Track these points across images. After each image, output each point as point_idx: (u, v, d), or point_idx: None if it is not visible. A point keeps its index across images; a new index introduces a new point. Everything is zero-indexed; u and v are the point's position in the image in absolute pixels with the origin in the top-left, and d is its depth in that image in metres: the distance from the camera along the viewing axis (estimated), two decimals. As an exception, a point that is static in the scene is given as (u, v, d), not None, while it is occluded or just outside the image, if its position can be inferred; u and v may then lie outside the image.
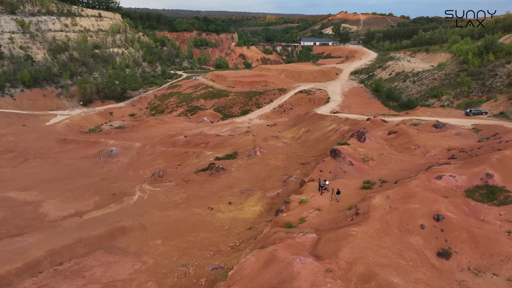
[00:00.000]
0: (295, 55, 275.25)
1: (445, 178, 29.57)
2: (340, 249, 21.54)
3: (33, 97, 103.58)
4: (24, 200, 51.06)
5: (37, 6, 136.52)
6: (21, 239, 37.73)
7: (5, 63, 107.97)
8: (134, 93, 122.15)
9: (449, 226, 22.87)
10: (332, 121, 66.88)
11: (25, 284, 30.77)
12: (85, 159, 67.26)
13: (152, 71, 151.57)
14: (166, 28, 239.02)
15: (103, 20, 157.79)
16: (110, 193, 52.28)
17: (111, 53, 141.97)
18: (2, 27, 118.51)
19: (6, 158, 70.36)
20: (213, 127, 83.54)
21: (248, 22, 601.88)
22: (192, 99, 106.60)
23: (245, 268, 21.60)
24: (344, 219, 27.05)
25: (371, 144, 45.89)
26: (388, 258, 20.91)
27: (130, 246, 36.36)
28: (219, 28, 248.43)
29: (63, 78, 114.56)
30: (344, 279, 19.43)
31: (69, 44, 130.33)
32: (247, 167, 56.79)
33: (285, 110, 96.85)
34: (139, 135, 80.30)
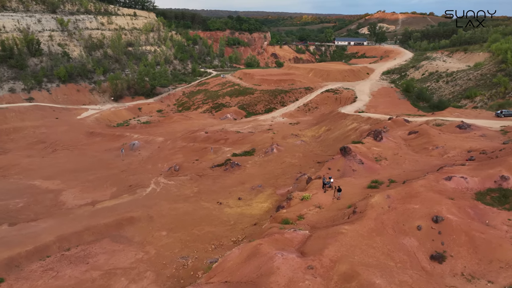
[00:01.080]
0: (328, 54, 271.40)
1: (455, 180, 27.79)
2: (326, 246, 20.71)
3: (67, 92, 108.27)
4: (46, 188, 53.35)
5: (76, 6, 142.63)
6: (35, 224, 39.32)
7: (43, 59, 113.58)
8: (164, 90, 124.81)
9: (448, 228, 21.41)
10: (353, 120, 65.09)
11: (33, 267, 31.92)
12: (109, 152, 69.38)
13: (182, 69, 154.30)
14: (200, 27, 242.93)
15: (137, 19, 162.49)
16: (127, 185, 53.57)
17: (144, 51, 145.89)
18: (43, 26, 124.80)
19: (37, 149, 73.93)
20: (235, 124, 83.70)
21: (284, 22, 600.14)
22: (218, 96, 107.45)
23: (228, 260, 21.26)
24: (342, 217, 26.06)
25: (387, 143, 44.13)
26: (375, 258, 19.85)
27: (135, 236, 36.94)
28: (252, 27, 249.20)
29: (97, 74, 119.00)
30: (324, 277, 18.63)
31: (104, 41, 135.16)
32: (262, 164, 56.34)
33: (310, 109, 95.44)
34: (163, 130, 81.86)
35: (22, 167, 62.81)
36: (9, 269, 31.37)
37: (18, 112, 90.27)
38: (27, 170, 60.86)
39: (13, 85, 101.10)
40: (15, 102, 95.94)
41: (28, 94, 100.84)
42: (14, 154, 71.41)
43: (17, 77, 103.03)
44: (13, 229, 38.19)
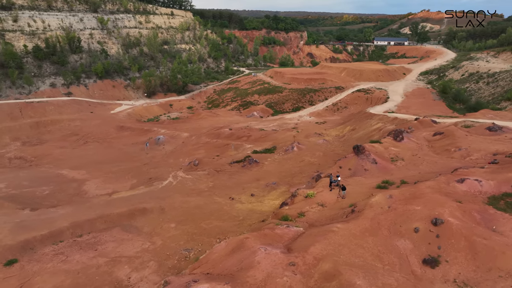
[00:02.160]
0: (366, 54, 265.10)
1: (468, 182, 25.97)
2: (313, 244, 19.97)
3: (103, 87, 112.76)
4: (72, 178, 55.71)
5: (116, 5, 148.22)
6: (54, 210, 41.11)
7: (83, 56, 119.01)
8: (195, 87, 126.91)
9: (447, 232, 19.97)
10: (379, 120, 62.87)
11: (45, 250, 33.34)
12: (135, 145, 71.42)
13: (216, 67, 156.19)
14: (237, 26, 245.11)
15: (174, 18, 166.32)
16: (147, 177, 54.84)
17: (179, 49, 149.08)
18: (84, 24, 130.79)
19: (70, 140, 77.52)
20: (260, 122, 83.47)
21: (323, 22, 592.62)
22: (247, 94, 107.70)
23: (214, 253, 21.07)
24: (341, 216, 25.09)
25: (408, 144, 42.15)
26: (362, 259, 18.88)
27: (145, 226, 37.63)
28: (288, 27, 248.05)
29: (132, 71, 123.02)
30: (305, 274, 17.95)
31: (141, 40, 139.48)
32: (281, 161, 55.70)
33: (338, 108, 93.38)
34: (189, 126, 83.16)
35: (54, 157, 66.08)
36: (24, 251, 32.95)
37: (57, 105, 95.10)
38: (58, 160, 63.95)
39: (54, 80, 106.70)
40: (55, 96, 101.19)
41: (67, 89, 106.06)
42: (49, 144, 75.33)
43: (58, 73, 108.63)
44: (33, 214, 40.16)
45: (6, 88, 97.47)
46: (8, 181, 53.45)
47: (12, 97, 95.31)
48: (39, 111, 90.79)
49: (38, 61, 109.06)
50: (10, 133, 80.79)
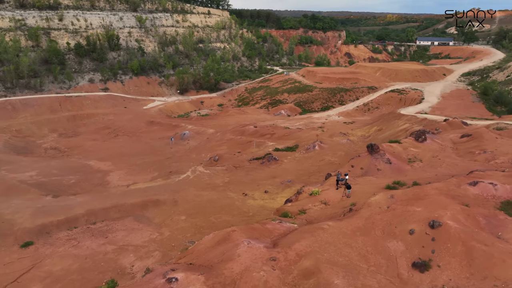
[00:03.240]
0: (408, 55, 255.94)
1: (482, 185, 24.18)
2: (299, 240, 19.34)
3: (138, 84, 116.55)
4: (98, 168, 57.90)
5: (155, 5, 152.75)
6: (74, 198, 42.89)
7: (121, 53, 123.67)
8: (227, 85, 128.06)
9: (444, 235, 18.62)
10: (407, 120, 60.32)
11: (60, 235, 34.84)
12: (161, 140, 73.13)
13: (250, 66, 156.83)
14: (274, 26, 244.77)
15: (211, 17, 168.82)
16: (168, 171, 55.93)
17: (213, 47, 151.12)
18: (124, 23, 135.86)
19: (102, 133, 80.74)
20: (287, 120, 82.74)
21: (366, 22, 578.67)
22: (277, 92, 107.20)
23: (201, 244, 20.98)
24: (339, 215, 24.19)
25: (430, 145, 40.04)
26: (347, 258, 18.02)
27: (156, 217, 38.33)
28: (326, 26, 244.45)
29: (167, 68, 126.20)
30: (284, 270, 17.41)
31: (177, 38, 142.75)
32: (301, 160, 54.84)
33: (369, 108, 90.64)
34: (216, 123, 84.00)
35: (84, 148, 69.09)
36: (40, 234, 34.56)
37: (93, 100, 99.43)
38: (87, 152, 66.79)
39: (93, 76, 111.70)
40: (92, 91, 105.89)
41: (104, 84, 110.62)
42: (82, 137, 78.89)
43: (97, 69, 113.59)
44: (54, 200, 42.10)
45: (49, 83, 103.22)
46: (39, 169, 56.41)
47: (54, 91, 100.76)
48: (77, 105, 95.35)
49: (79, 58, 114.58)
50: (49, 125, 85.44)
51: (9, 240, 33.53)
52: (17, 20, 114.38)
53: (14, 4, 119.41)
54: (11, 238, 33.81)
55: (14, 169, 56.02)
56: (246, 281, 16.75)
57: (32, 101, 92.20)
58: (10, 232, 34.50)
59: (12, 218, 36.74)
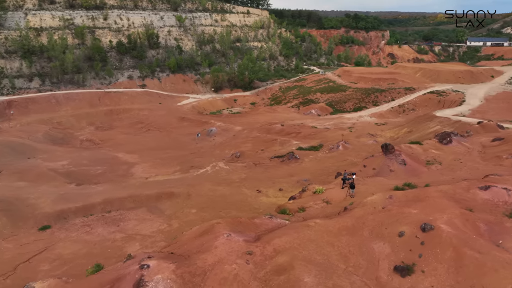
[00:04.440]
0: (456, 56, 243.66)
1: (494, 190, 22.29)
2: (281, 236, 18.79)
3: (174, 81, 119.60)
4: (125, 161, 59.96)
5: (195, 4, 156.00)
6: (95, 186, 44.65)
7: (160, 51, 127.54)
8: (262, 84, 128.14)
9: (434, 240, 17.31)
10: (439, 122, 57.17)
11: (76, 221, 36.37)
12: (189, 135, 74.48)
13: (286, 65, 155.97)
14: (315, 25, 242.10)
15: (250, 16, 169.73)
16: (190, 165, 56.79)
17: (250, 47, 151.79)
18: (164, 22, 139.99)
19: (135, 127, 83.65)
20: (316, 120, 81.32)
21: (414, 22, 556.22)
22: (310, 92, 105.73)
23: (186, 234, 21.00)
24: (335, 213, 23.29)
25: (454, 148, 37.62)
26: (326, 257, 17.24)
27: (168, 209, 38.98)
28: (369, 26, 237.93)
29: (203, 66, 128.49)
30: (258, 264, 16.97)
31: (215, 37, 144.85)
32: (322, 159, 53.60)
33: (405, 110, 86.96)
34: (244, 120, 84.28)
35: (116, 141, 71.86)
36: (58, 219, 36.25)
37: (130, 96, 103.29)
38: (118, 144, 69.40)
39: (132, 73, 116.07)
40: (131, 87, 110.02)
41: (142, 81, 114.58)
42: (116, 130, 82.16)
43: (136, 66, 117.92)
44: (76, 188, 44.05)
45: (91, 79, 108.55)
46: (71, 159, 59.37)
47: (94, 86, 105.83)
48: (115, 100, 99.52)
49: (120, 55, 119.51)
50: (87, 118, 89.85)
51: (29, 223, 35.44)
52: (65, 20, 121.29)
53: (64, 5, 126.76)
54: (31, 221, 35.71)
55: (49, 158, 59.41)
56: (217, 273, 16.49)
57: (74, 95, 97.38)
58: (31, 215, 36.46)
59: (35, 203, 38.83)
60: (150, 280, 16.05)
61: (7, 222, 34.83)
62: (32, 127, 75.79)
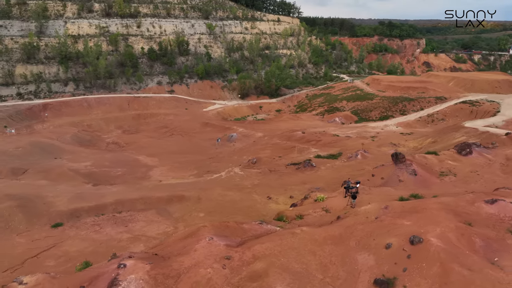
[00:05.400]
0: (498, 65, 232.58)
1: (501, 204, 20.79)
2: (263, 242, 18.37)
3: (202, 87, 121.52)
4: (144, 163, 61.28)
5: (226, 12, 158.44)
6: (110, 187, 45.82)
7: (189, 58, 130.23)
8: (289, 91, 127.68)
9: (422, 253, 16.28)
10: (465, 133, 54.41)
11: (87, 220, 37.40)
12: (210, 141, 75.13)
13: (315, 73, 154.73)
14: (347, 33, 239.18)
15: (280, 24, 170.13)
16: (206, 170, 57.18)
17: (279, 54, 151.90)
18: (195, 29, 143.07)
19: (159, 131, 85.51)
20: (339, 128, 79.77)
21: (455, 30, 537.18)
22: (336, 100, 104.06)
23: (173, 237, 20.99)
24: (328, 222, 22.55)
25: (474, 159, 35.61)
26: (305, 266, 16.63)
27: (177, 212, 39.30)
28: (404, 34, 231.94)
29: (230, 73, 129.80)
30: (234, 270, 16.64)
31: (244, 44, 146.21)
32: (339, 168, 52.28)
33: (433, 120, 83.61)
34: (266, 127, 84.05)
35: (139, 144, 73.68)
36: (71, 217, 37.42)
37: (158, 101, 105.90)
38: (140, 147, 71.11)
39: (161, 78, 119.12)
40: (159, 92, 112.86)
41: (171, 87, 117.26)
42: (141, 134, 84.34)
43: (165, 72, 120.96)
44: (93, 188, 45.38)
45: (122, 84, 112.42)
46: (94, 161, 61.38)
47: (125, 91, 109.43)
48: (143, 105, 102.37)
49: (151, 62, 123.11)
50: (116, 122, 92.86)
51: (43, 220, 36.77)
52: (101, 27, 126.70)
53: (101, 13, 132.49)
54: (46, 218, 37.05)
55: (74, 159, 61.77)
56: (190, 276, 16.31)
57: (105, 99, 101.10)
58: (46, 212, 37.84)
59: (52, 201, 40.30)
60: (124, 280, 16.11)
61: (22, 218, 36.29)
62: (63, 129, 79.24)
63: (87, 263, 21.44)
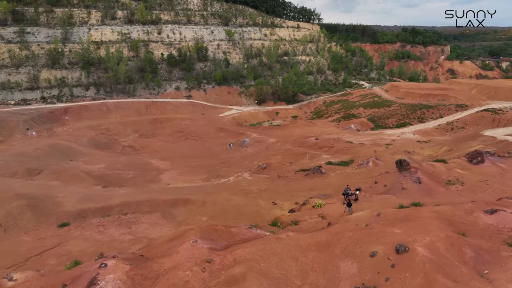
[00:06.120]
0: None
1: (501, 215, 19.81)
2: (246, 246, 18.12)
3: (219, 93, 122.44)
4: (156, 167, 62.01)
5: (246, 19, 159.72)
6: (118, 189, 46.51)
7: (208, 64, 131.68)
8: (306, 98, 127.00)
9: (406, 263, 15.64)
10: (482, 142, 52.49)
11: (93, 220, 38.03)
12: (223, 145, 75.39)
13: (334, 79, 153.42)
14: (369, 40, 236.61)
15: (300, 30, 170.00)
16: (216, 174, 57.31)
17: (298, 60, 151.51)
18: (214, 36, 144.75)
19: (174, 136, 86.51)
20: (354, 135, 78.52)
21: (483, 37, 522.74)
22: (353, 107, 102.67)
23: (160, 238, 21.01)
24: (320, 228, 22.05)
25: (485, 168, 34.22)
26: (285, 272, 16.26)
27: (181, 215, 39.44)
28: (427, 40, 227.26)
29: (248, 79, 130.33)
30: (213, 273, 16.46)
31: (263, 50, 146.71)
32: (349, 175, 51.32)
33: (453, 128, 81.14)
34: (280, 133, 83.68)
35: (153, 148, 74.72)
36: (78, 218, 38.13)
37: (175, 106, 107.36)
38: (154, 151, 72.08)
39: (179, 84, 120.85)
40: (177, 98, 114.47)
41: (188, 92, 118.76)
42: (157, 138, 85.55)
43: (183, 78, 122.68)
44: (102, 190, 46.19)
45: (141, 89, 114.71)
46: (108, 163, 62.60)
47: (144, 96, 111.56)
48: (160, 110, 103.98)
49: (170, 67, 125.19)
50: (133, 126, 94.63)
51: (51, 219, 37.61)
52: (123, 34, 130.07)
53: (123, 20, 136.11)
54: (53, 217, 37.87)
55: (89, 161, 63.18)
56: (168, 278, 16.23)
57: (123, 104, 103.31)
58: (54, 212, 38.70)
59: (61, 201, 41.22)
60: (102, 279, 16.18)
61: (31, 217, 37.20)
62: (81, 132, 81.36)
63: (76, 262, 21.66)
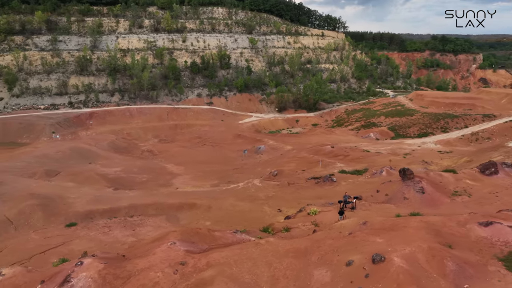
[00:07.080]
0: None
1: (496, 227, 18.69)
2: (222, 250, 17.91)
3: (240, 100, 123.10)
4: (170, 171, 62.81)
5: (270, 27, 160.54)
6: (128, 192, 47.36)
7: (230, 71, 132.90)
8: (328, 106, 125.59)
9: (381, 273, 14.94)
10: (503, 153, 50.02)
11: (99, 222, 38.83)
12: (238, 152, 75.50)
13: (358, 87, 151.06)
14: (397, 48, 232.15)
15: (324, 38, 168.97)
16: (227, 180, 57.37)
17: (321, 68, 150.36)
18: (238, 44, 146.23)
19: (192, 141, 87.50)
20: (372, 144, 76.70)
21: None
22: (374, 115, 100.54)
23: (144, 240, 21.13)
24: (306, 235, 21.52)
25: (498, 179, 32.50)
26: (255, 277, 15.93)
27: (185, 219, 39.65)
28: (458, 48, 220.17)
29: (270, 86, 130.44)
30: (184, 276, 16.38)
31: (285, 58, 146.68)
32: (360, 184, 49.97)
33: (478, 138, 77.80)
34: (296, 141, 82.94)
35: (170, 153, 75.82)
36: (85, 218, 39.06)
37: (196, 112, 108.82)
38: (170, 156, 73.11)
39: (201, 91, 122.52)
40: (198, 104, 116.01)
41: (210, 99, 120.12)
42: (176, 143, 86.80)
43: (205, 85, 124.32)
44: (112, 192, 47.16)
45: (164, 95, 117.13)
46: (124, 167, 63.99)
47: (166, 102, 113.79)
48: (181, 116, 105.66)
49: (193, 74, 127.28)
50: (154, 131, 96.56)
51: (60, 219, 38.69)
52: (149, 42, 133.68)
53: (150, 29, 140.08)
54: (62, 217, 38.95)
55: (106, 164, 64.82)
56: (139, 279, 16.25)
57: (146, 110, 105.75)
58: (64, 212, 39.81)
59: (73, 202, 42.37)
60: (75, 277, 16.40)
61: (41, 216, 38.38)
62: (102, 136, 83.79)
63: (63, 259, 22.14)
